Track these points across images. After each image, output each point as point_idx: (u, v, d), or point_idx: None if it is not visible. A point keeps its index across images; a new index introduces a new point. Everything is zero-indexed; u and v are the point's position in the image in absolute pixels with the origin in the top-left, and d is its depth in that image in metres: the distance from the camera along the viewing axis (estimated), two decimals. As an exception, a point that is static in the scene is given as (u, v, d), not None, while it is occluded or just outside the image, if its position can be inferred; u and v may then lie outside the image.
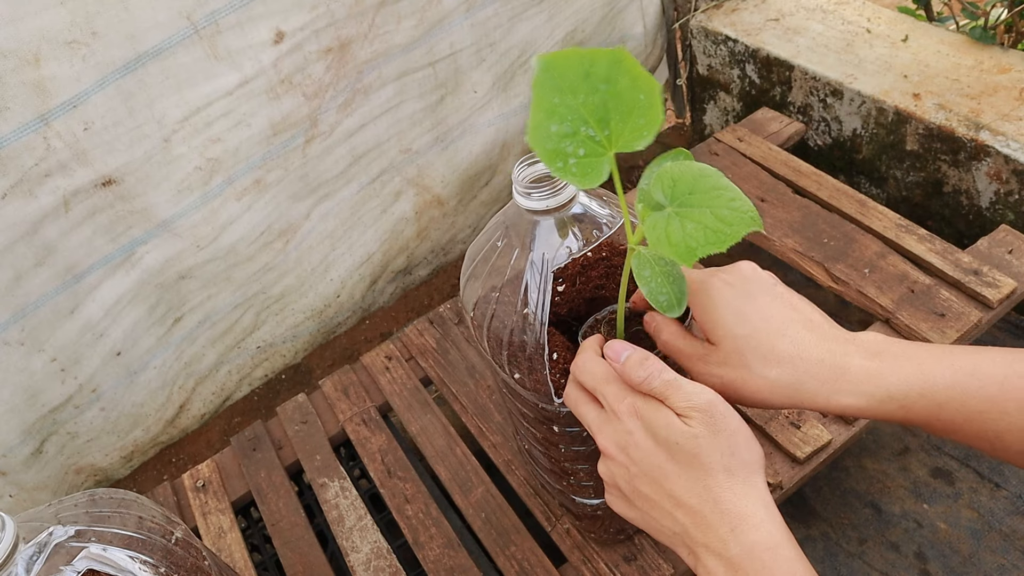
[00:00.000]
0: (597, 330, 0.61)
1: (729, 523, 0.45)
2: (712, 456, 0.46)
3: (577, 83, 0.43)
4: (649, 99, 0.43)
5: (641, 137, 0.44)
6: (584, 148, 0.44)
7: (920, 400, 0.47)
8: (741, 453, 0.46)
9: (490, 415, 1.01)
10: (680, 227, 0.45)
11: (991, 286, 0.98)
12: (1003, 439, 0.46)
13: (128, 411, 1.20)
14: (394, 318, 1.40)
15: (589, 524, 0.82)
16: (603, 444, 0.51)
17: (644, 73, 0.43)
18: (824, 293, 1.08)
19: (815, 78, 1.29)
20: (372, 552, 0.91)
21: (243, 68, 1.00)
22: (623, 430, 0.49)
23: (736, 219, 0.44)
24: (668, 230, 0.45)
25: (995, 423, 0.46)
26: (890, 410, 0.48)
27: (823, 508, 1.07)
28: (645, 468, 0.48)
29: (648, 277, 0.49)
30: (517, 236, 0.61)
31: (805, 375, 0.49)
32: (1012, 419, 0.45)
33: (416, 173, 1.32)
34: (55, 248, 0.99)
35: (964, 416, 0.47)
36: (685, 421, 0.47)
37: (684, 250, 0.44)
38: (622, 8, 1.43)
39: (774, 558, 0.43)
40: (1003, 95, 1.15)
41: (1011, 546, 0.99)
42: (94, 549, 0.52)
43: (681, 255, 0.44)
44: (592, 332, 0.61)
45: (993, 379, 0.46)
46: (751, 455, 0.47)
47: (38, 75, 0.86)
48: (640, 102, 0.43)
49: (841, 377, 0.49)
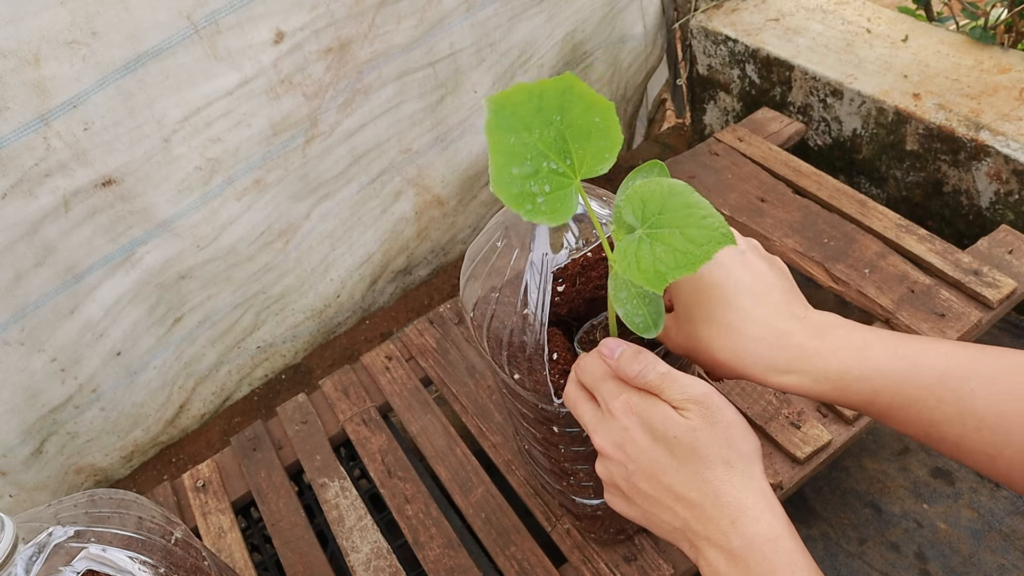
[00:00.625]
0: (593, 336, 0.61)
1: (729, 515, 0.45)
2: (710, 448, 0.46)
3: (530, 119, 0.43)
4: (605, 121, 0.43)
5: (603, 160, 0.44)
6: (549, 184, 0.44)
7: (856, 383, 0.47)
8: (738, 444, 0.46)
9: (490, 415, 1.01)
10: (650, 251, 0.44)
11: (991, 286, 0.98)
12: (938, 428, 0.46)
13: (128, 411, 1.20)
14: (394, 318, 1.40)
15: (589, 524, 0.82)
16: (600, 443, 0.51)
17: (596, 96, 0.43)
18: (824, 293, 1.08)
19: (815, 78, 1.29)
20: (372, 552, 0.91)
21: (243, 68, 1.00)
22: (619, 427, 0.49)
23: (706, 238, 0.43)
24: (638, 255, 0.44)
25: (930, 412, 0.46)
26: (825, 390, 0.48)
27: (823, 508, 1.07)
28: (643, 465, 0.48)
29: (624, 299, 0.49)
30: (517, 236, 0.61)
31: (742, 348, 0.49)
32: (947, 408, 0.45)
33: (416, 173, 1.32)
34: (55, 248, 0.99)
35: (900, 402, 0.46)
36: (682, 413, 0.47)
37: (653, 275, 0.43)
38: (622, 8, 1.43)
39: (775, 549, 0.43)
40: (1003, 95, 1.15)
41: (1011, 546, 0.99)
42: (93, 549, 0.52)
43: (650, 281, 0.43)
44: (588, 338, 0.61)
45: (934, 369, 0.46)
46: (748, 445, 0.47)
47: (38, 75, 0.86)
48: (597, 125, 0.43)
49: (780, 354, 0.48)
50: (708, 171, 1.25)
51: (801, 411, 0.91)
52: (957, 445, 0.46)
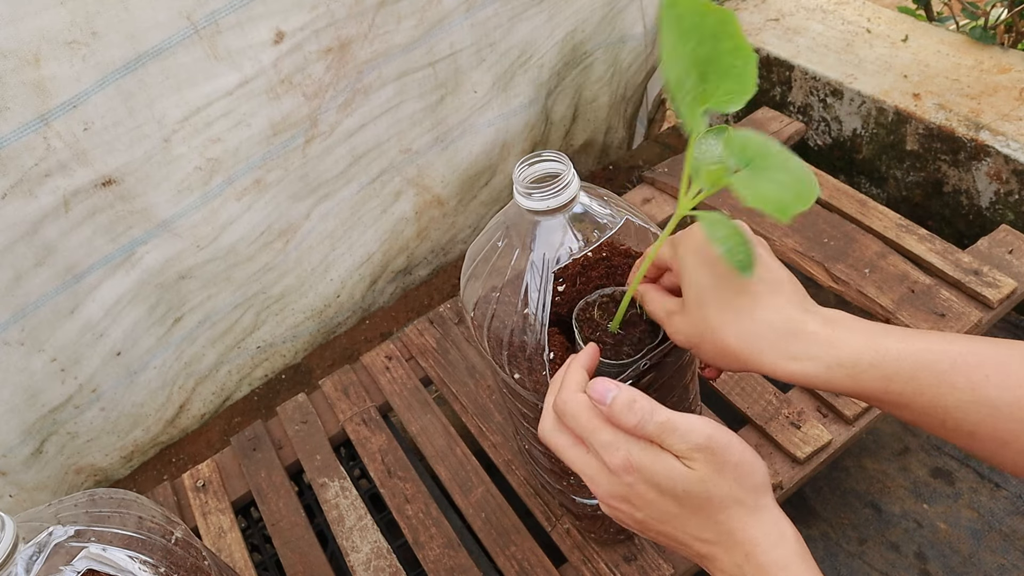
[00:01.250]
0: (590, 313, 0.60)
1: (743, 551, 0.46)
2: (721, 492, 0.46)
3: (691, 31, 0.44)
4: (744, 68, 0.45)
5: (731, 101, 0.45)
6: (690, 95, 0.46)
7: (870, 370, 0.47)
8: (748, 480, 0.47)
9: (490, 415, 1.01)
10: (768, 185, 0.45)
11: (991, 286, 0.98)
12: (952, 416, 0.46)
13: (128, 411, 1.20)
14: (394, 318, 1.40)
15: (589, 524, 0.82)
16: (601, 496, 0.50)
17: (744, 42, 0.45)
18: (824, 293, 1.08)
19: (815, 78, 1.29)
20: (372, 552, 0.91)
21: (243, 68, 1.00)
22: (621, 483, 0.48)
23: (805, 179, 0.45)
24: (758, 188, 0.45)
25: (943, 398, 0.45)
26: (838, 378, 0.48)
27: (823, 508, 1.07)
28: (653, 514, 0.48)
29: (724, 237, 0.48)
30: (517, 236, 0.61)
31: (756, 335, 0.49)
32: (960, 395, 0.45)
33: (416, 173, 1.32)
34: (55, 248, 0.99)
35: (912, 389, 0.46)
36: (688, 464, 0.46)
37: (777, 206, 0.44)
38: (622, 8, 1.43)
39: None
40: (1003, 95, 1.15)
41: (1011, 546, 0.99)
42: (94, 549, 0.52)
43: (778, 210, 0.44)
44: (584, 315, 0.60)
45: (946, 355, 0.46)
46: (757, 477, 0.47)
47: (38, 75, 0.86)
48: (735, 68, 0.45)
49: (792, 341, 0.48)
50: (708, 171, 1.24)
51: (801, 411, 0.91)
52: (972, 434, 0.46)
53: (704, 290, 0.51)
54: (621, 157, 1.65)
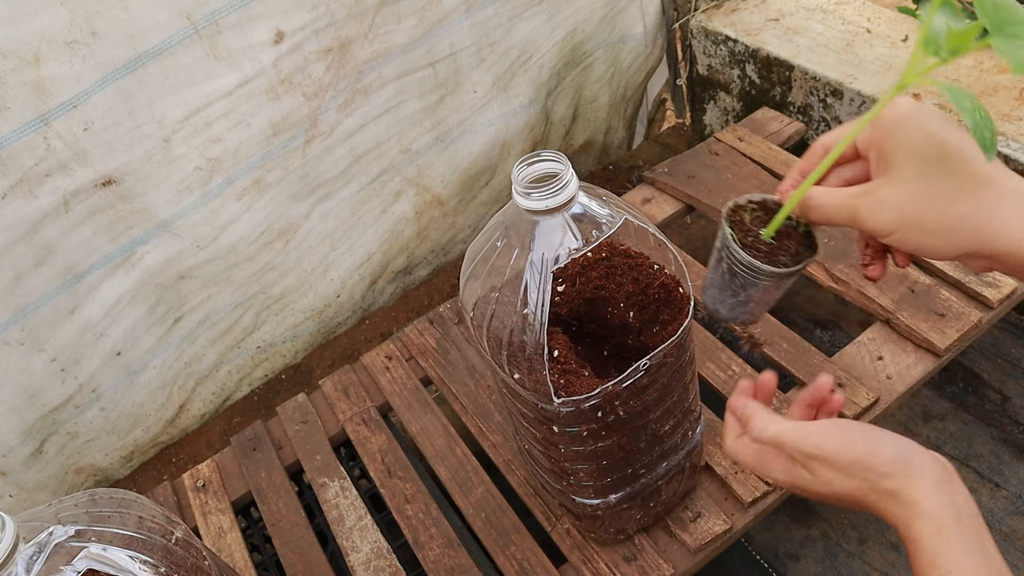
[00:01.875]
0: (740, 216, 0.57)
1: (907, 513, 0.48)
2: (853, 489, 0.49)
3: None
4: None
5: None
6: None
7: None
8: (881, 466, 0.49)
9: (490, 415, 1.01)
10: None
11: (991, 286, 0.98)
12: None
13: (128, 411, 1.20)
14: (394, 318, 1.40)
15: (589, 524, 0.82)
16: None
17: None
18: (824, 293, 1.08)
19: (815, 78, 1.29)
20: (372, 552, 0.91)
21: (243, 68, 1.00)
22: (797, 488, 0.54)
23: None
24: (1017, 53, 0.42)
25: None
26: None
27: (823, 508, 1.07)
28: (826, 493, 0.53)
29: (971, 109, 0.45)
30: (517, 236, 0.61)
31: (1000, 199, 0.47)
32: None
33: (416, 173, 1.32)
34: (55, 248, 0.99)
35: None
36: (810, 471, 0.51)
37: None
38: (622, 8, 1.43)
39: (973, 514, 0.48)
40: (1003, 95, 1.15)
41: (1011, 546, 0.99)
42: (94, 549, 0.52)
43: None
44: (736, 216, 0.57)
45: None
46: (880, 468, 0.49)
47: (38, 75, 0.86)
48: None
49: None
50: (708, 171, 1.25)
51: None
52: None
53: (930, 162, 0.48)
54: (621, 157, 1.65)
